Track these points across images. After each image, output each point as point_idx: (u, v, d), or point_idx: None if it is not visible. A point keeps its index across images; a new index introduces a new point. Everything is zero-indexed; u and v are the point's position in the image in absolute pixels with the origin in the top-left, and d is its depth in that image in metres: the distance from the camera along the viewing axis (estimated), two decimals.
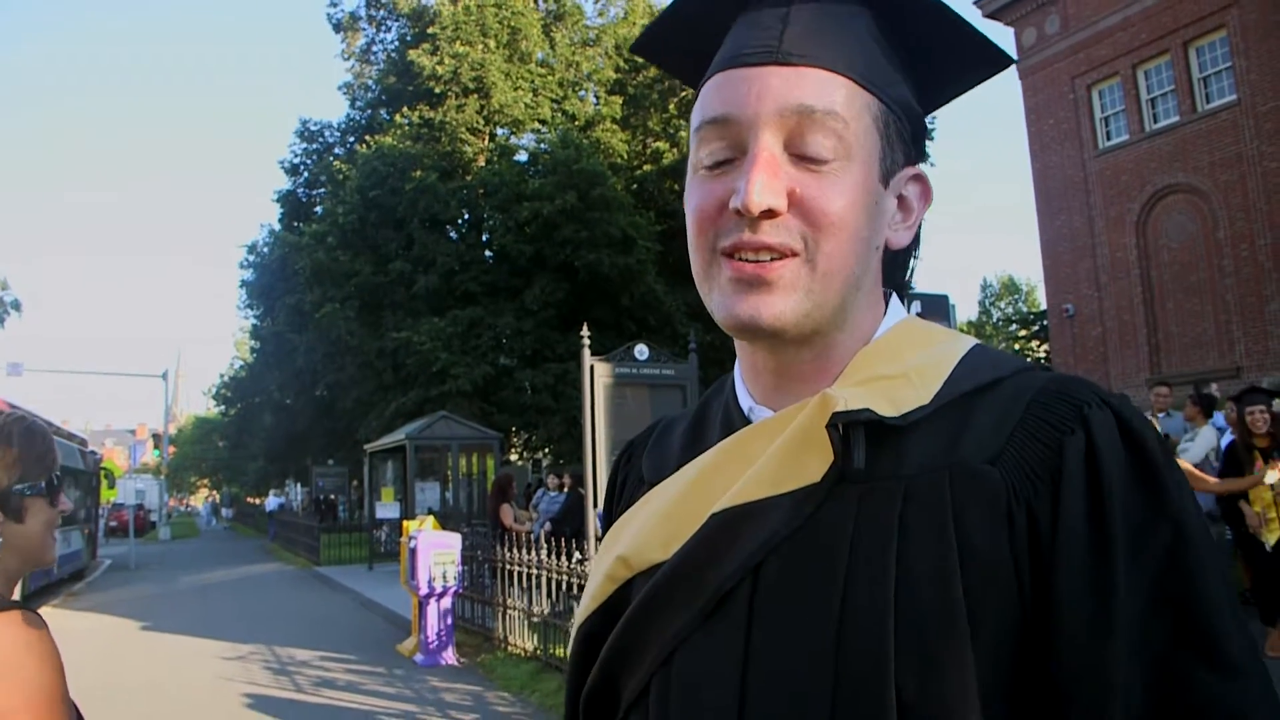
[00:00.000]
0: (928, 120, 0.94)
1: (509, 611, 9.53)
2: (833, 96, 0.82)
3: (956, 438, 0.80)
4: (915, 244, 0.95)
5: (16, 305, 35.52)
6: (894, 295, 0.94)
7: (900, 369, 0.85)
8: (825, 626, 0.76)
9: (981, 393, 0.82)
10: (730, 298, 0.83)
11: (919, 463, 0.79)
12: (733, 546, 0.83)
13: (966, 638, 0.72)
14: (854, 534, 0.78)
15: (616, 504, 1.07)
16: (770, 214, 0.80)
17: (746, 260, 0.82)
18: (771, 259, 0.81)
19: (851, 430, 0.79)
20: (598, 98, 30.11)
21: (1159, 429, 7.06)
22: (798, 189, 0.81)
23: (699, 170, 0.87)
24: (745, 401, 0.94)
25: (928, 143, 0.95)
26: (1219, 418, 9.53)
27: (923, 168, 0.93)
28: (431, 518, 11.13)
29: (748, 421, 0.92)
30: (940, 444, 0.80)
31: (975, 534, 0.75)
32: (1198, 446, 8.50)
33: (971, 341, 0.90)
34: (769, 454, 0.85)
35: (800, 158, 0.82)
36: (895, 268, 0.95)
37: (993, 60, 0.92)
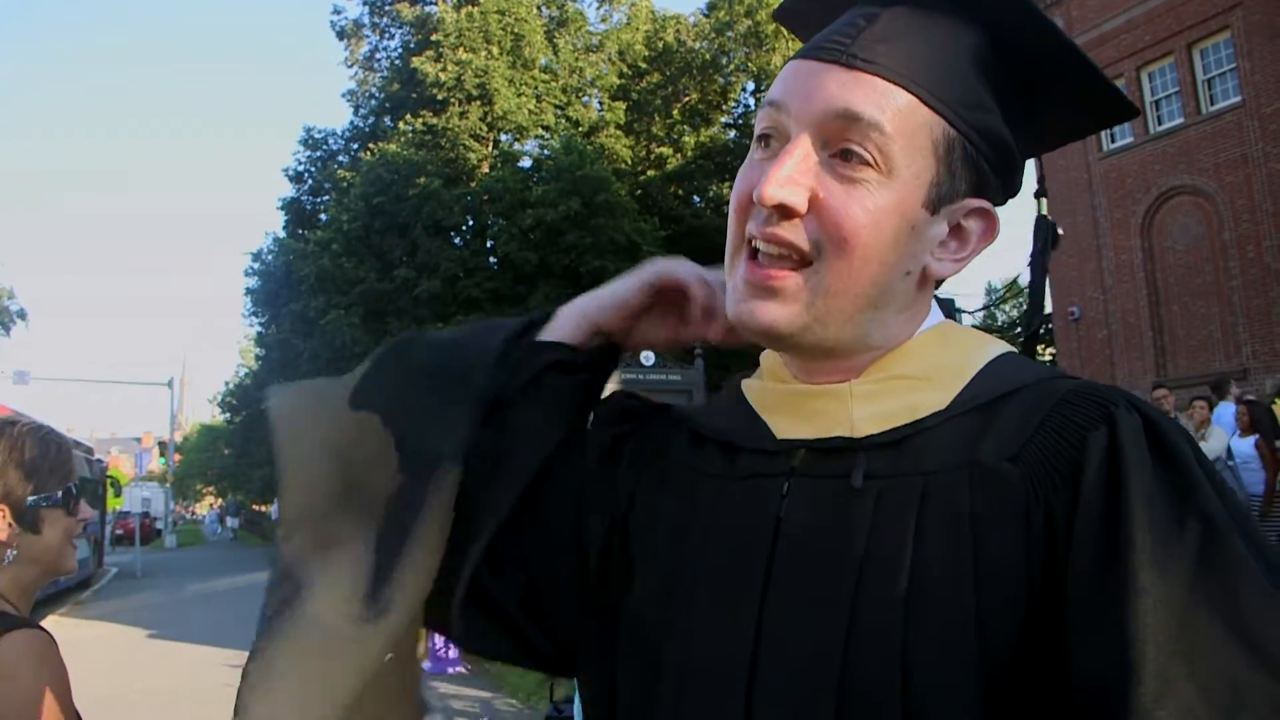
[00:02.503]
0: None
1: None
2: (884, 108, 0.79)
3: (979, 436, 0.79)
4: None
5: (22, 314, 35.69)
6: (934, 304, 0.91)
7: (923, 369, 0.84)
8: (837, 619, 0.76)
9: (1008, 396, 0.81)
10: (738, 294, 0.85)
11: (940, 460, 0.78)
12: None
13: (974, 639, 0.71)
14: (871, 531, 0.77)
15: (622, 437, 1.01)
16: (788, 213, 0.79)
17: (761, 263, 0.83)
18: (779, 256, 0.81)
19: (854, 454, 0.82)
20: (601, 104, 30.12)
21: None
22: (821, 193, 0.79)
23: (754, 148, 0.86)
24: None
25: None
26: (1224, 417, 9.48)
27: (995, 207, 0.88)
28: None
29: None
30: (962, 442, 0.79)
31: (991, 534, 0.74)
32: (1213, 450, 8.44)
33: (1003, 347, 0.88)
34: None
35: (838, 164, 0.80)
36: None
37: (1117, 111, 0.89)
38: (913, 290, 0.86)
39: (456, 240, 27.42)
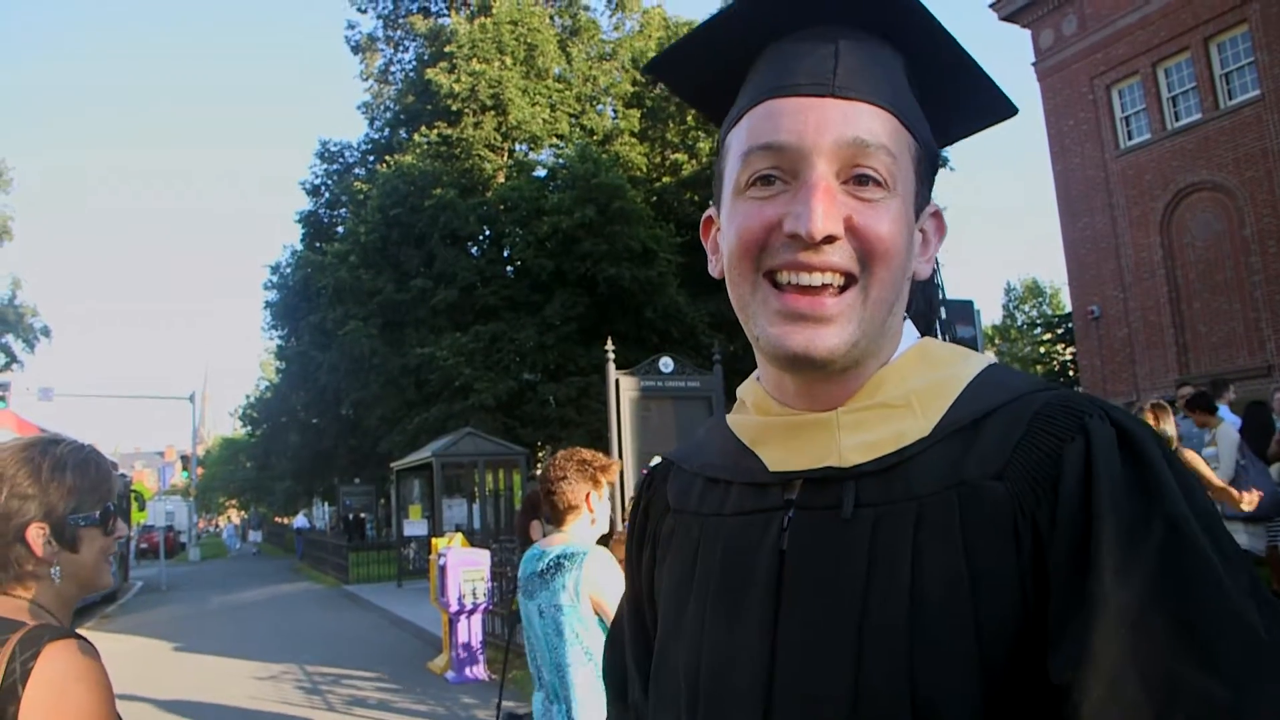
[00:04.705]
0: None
1: None
2: (883, 132, 0.85)
3: (965, 456, 0.82)
4: (934, 277, 1.01)
5: (46, 331, 36.11)
6: (908, 320, 0.96)
7: (904, 395, 0.88)
8: (846, 645, 0.79)
9: (990, 415, 0.84)
10: (781, 329, 0.85)
11: (930, 483, 0.82)
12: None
13: (975, 653, 0.74)
14: (870, 557, 0.81)
15: (641, 530, 1.11)
16: (829, 240, 0.83)
17: (800, 289, 0.84)
18: (823, 285, 0.84)
19: (843, 485, 0.85)
20: (615, 111, 30.20)
21: (1177, 431, 6.90)
22: (854, 216, 0.83)
23: (742, 192, 0.88)
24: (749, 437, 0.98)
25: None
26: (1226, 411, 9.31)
27: (938, 199, 0.96)
28: (460, 535, 11.15)
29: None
30: (950, 463, 0.82)
31: (983, 550, 0.77)
32: (1226, 454, 8.25)
33: (984, 363, 0.92)
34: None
35: (852, 189, 0.84)
36: (913, 297, 0.99)
37: (1002, 110, 0.97)
38: (906, 292, 0.92)
39: (473, 250, 27.53)
